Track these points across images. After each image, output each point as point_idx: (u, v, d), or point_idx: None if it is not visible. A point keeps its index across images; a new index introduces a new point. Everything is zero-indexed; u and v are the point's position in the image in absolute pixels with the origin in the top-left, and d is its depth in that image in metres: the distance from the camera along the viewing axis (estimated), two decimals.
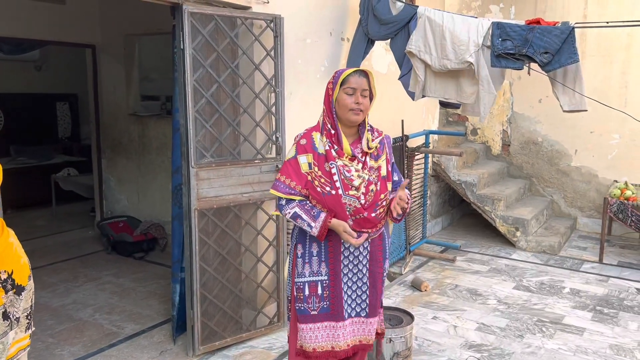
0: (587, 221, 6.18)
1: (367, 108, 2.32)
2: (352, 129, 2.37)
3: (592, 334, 3.69)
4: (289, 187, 2.33)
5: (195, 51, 3.07)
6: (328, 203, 2.28)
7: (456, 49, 3.64)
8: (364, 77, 2.30)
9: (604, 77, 5.82)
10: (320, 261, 2.40)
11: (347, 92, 2.28)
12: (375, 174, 2.36)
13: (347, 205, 2.30)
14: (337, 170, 2.29)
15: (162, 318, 3.87)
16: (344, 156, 2.32)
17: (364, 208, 2.31)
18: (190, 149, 3.08)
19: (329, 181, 2.28)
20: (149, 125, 5.57)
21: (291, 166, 2.34)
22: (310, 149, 2.33)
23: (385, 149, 2.44)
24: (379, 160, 2.40)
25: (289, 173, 2.33)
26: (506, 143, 6.59)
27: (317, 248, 2.40)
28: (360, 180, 2.31)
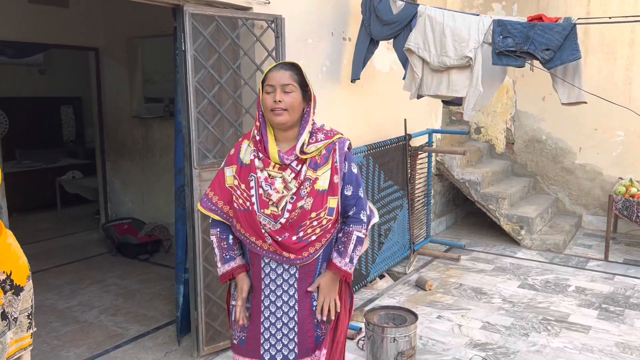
0: (592, 219, 6.15)
1: (292, 106, 1.90)
2: (290, 131, 1.96)
3: (597, 332, 3.67)
4: (212, 203, 2.04)
5: (197, 52, 3.07)
6: (242, 221, 1.96)
7: (456, 46, 3.64)
8: (286, 69, 1.92)
9: (607, 73, 5.80)
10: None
11: (266, 90, 1.92)
12: (309, 187, 1.92)
13: (262, 225, 1.93)
14: (256, 183, 1.94)
15: (166, 319, 3.88)
16: (272, 166, 1.94)
17: (284, 228, 1.92)
18: (192, 150, 3.09)
19: (249, 195, 1.94)
20: (153, 128, 5.59)
21: (217, 179, 2.05)
22: (236, 160, 2.01)
23: (333, 156, 1.97)
24: (319, 169, 1.95)
25: (214, 187, 2.05)
26: (510, 141, 6.57)
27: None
28: (280, 194, 1.91)
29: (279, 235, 1.92)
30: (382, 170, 4.55)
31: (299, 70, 1.94)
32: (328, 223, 1.96)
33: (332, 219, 1.96)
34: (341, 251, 2.01)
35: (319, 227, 1.95)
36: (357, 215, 2.02)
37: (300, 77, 1.93)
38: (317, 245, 1.97)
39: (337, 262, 2.01)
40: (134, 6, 5.28)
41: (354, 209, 2.01)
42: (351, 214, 2.02)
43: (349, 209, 2.01)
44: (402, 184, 4.92)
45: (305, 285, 2.01)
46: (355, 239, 2.01)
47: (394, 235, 4.82)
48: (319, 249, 1.98)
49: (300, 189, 1.92)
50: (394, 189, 4.78)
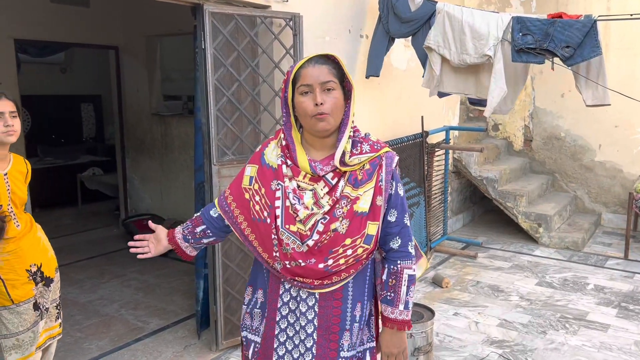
0: (612, 217, 6.08)
1: (336, 108, 1.57)
2: (327, 139, 1.63)
3: (616, 331, 3.64)
4: (226, 204, 1.72)
5: (216, 51, 3.11)
6: (259, 232, 1.63)
7: (476, 44, 3.63)
8: (322, 64, 1.57)
9: (628, 70, 5.72)
10: (262, 317, 1.74)
11: (301, 91, 1.57)
12: (347, 207, 1.58)
13: (284, 244, 1.59)
14: (282, 193, 1.60)
15: (186, 313, 3.94)
16: (302, 175, 1.61)
17: (312, 253, 1.58)
18: (212, 147, 3.14)
19: (269, 205, 1.62)
20: (172, 125, 5.66)
21: (237, 177, 1.74)
22: (258, 159, 1.70)
23: (378, 173, 1.63)
24: (361, 187, 1.60)
25: (232, 186, 1.74)
26: (528, 138, 6.52)
27: (263, 298, 1.74)
28: (309, 211, 1.58)
29: (303, 259, 1.58)
30: (399, 167, 4.56)
31: (337, 63, 1.59)
32: (364, 253, 1.61)
33: (369, 248, 1.61)
34: (392, 299, 1.66)
35: (352, 257, 1.60)
36: (404, 248, 1.67)
37: (340, 71, 1.59)
38: (343, 275, 1.61)
39: (391, 314, 1.67)
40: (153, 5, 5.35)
41: (397, 239, 1.66)
42: (396, 246, 1.67)
43: (389, 239, 1.66)
44: (419, 181, 4.92)
45: (326, 325, 1.64)
46: (407, 279, 1.66)
47: None
48: (344, 279, 1.63)
49: (335, 208, 1.58)
50: (410, 186, 4.78)
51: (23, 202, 2.35)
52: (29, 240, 2.10)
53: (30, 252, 2.06)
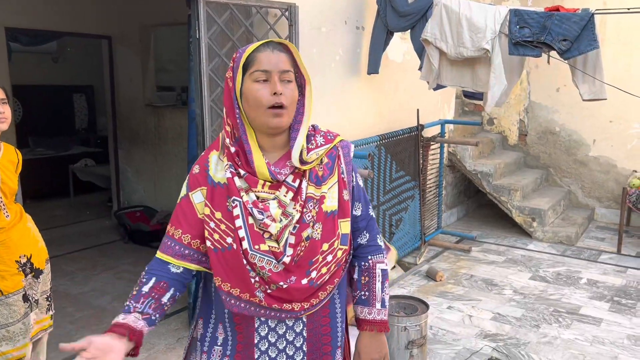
0: (605, 212, 6.10)
1: (293, 101, 1.37)
2: (278, 137, 1.41)
3: (609, 325, 3.65)
4: (180, 245, 1.40)
5: (211, 40, 3.07)
6: (221, 266, 1.37)
7: (473, 37, 3.61)
8: (281, 51, 1.37)
9: (624, 65, 5.72)
10: (224, 355, 1.46)
11: (256, 78, 1.34)
12: (315, 209, 1.40)
13: (258, 268, 1.35)
14: (242, 210, 1.36)
15: (179, 306, 3.91)
16: (260, 185, 1.38)
17: (289, 270, 1.38)
18: (206, 138, 3.10)
19: (232, 229, 1.36)
20: (165, 116, 5.61)
21: (181, 209, 1.42)
22: (204, 180, 1.41)
23: (338, 165, 1.47)
24: (324, 184, 1.42)
25: (179, 220, 1.41)
26: (523, 133, 6.52)
27: (224, 334, 1.46)
28: (281, 224, 1.37)
29: (283, 280, 1.36)
30: (395, 161, 4.54)
31: (291, 52, 1.39)
32: (343, 255, 1.46)
33: (346, 248, 1.46)
34: (367, 298, 1.52)
35: (334, 263, 1.43)
36: (373, 242, 1.54)
37: (294, 61, 1.40)
38: (329, 288, 1.44)
39: (368, 315, 1.52)
40: None
41: (365, 234, 1.53)
42: (365, 241, 1.54)
43: (357, 235, 1.53)
44: (414, 174, 4.90)
45: (316, 348, 1.47)
46: (381, 274, 1.53)
47: (405, 225, 4.82)
48: (330, 292, 1.45)
49: (304, 214, 1.38)
50: (405, 179, 4.77)
51: (13, 193, 2.31)
52: (19, 231, 2.06)
53: (20, 243, 2.03)
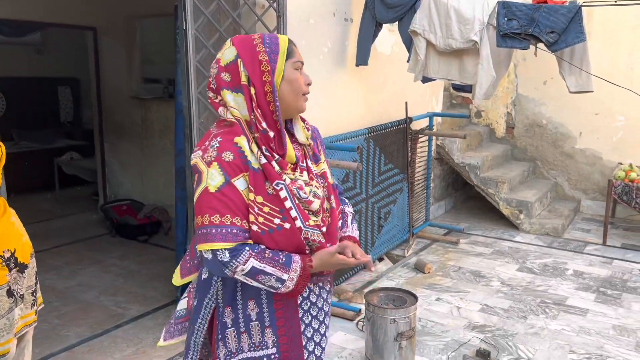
0: (591, 204, 6.16)
1: None
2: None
3: (595, 315, 3.70)
4: (236, 228, 1.42)
5: (198, 32, 3.04)
6: (279, 244, 1.46)
7: (462, 28, 3.61)
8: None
9: (610, 58, 5.76)
10: (263, 327, 1.54)
11: (297, 67, 1.51)
12: (324, 184, 1.60)
13: (310, 241, 1.50)
14: (288, 192, 1.47)
15: (166, 300, 3.89)
16: (289, 168, 1.52)
17: (327, 238, 1.55)
18: (193, 131, 3.07)
19: (278, 210, 1.45)
20: (152, 109, 5.55)
21: (227, 197, 1.42)
22: (243, 164, 1.44)
23: (317, 142, 1.68)
24: (320, 162, 1.63)
25: (229, 207, 1.42)
26: (510, 125, 6.55)
27: (257, 308, 1.54)
28: (317, 200, 1.54)
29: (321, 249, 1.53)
30: (383, 153, 4.54)
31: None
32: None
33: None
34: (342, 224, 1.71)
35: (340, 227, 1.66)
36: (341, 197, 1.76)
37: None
38: None
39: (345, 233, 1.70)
40: None
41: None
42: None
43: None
44: (403, 167, 4.91)
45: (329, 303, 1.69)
46: (350, 214, 1.76)
47: (393, 218, 4.82)
48: None
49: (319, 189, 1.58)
50: (394, 172, 4.77)
51: None
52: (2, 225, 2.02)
53: (3, 237, 1.98)
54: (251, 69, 1.46)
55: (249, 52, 1.47)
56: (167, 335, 1.73)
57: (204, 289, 1.58)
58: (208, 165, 1.42)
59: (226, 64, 1.48)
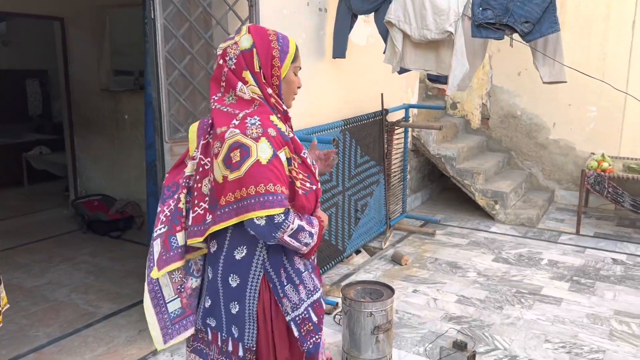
0: (565, 194, 6.24)
1: None
2: None
3: (569, 304, 3.73)
4: (284, 195, 1.61)
5: (167, 21, 2.94)
6: (310, 203, 1.72)
7: (437, 19, 3.58)
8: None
9: (582, 48, 5.82)
10: (309, 275, 1.81)
11: (297, 72, 1.77)
12: None
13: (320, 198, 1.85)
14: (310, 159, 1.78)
15: (140, 297, 3.75)
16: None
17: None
18: (163, 124, 2.98)
19: (306, 175, 1.72)
20: (122, 101, 5.42)
21: (277, 168, 1.60)
22: (283, 139, 1.65)
23: None
24: None
25: (278, 177, 1.60)
26: (485, 117, 6.58)
27: (301, 262, 1.80)
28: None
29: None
30: (359, 146, 4.51)
31: None
32: None
33: None
34: None
35: None
36: None
37: None
38: None
39: None
40: None
41: None
42: None
43: None
44: (379, 159, 4.88)
45: None
46: None
47: (370, 210, 4.80)
48: None
49: None
50: (370, 164, 4.74)
51: None
52: None
53: None
54: (264, 61, 1.67)
55: (265, 45, 1.67)
56: (167, 337, 1.79)
57: (244, 266, 1.71)
58: (256, 140, 1.58)
59: (242, 50, 1.66)
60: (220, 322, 1.77)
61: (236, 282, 1.71)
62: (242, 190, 1.56)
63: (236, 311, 1.72)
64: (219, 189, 1.63)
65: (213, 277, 1.75)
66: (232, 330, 1.74)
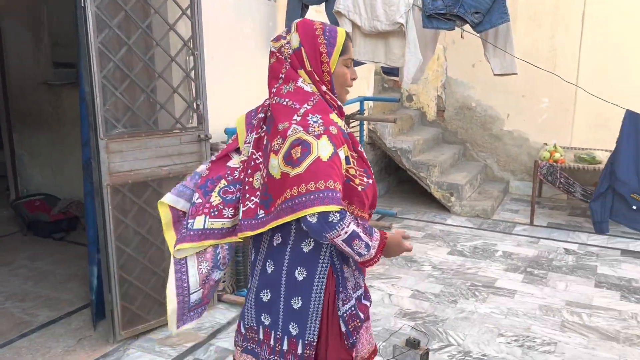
0: (519, 184, 6.30)
1: None
2: None
3: (522, 296, 3.74)
4: (341, 194, 1.60)
5: (100, 10, 2.75)
6: (368, 198, 1.72)
7: (387, 10, 3.49)
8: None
9: (533, 40, 5.86)
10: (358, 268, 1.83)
11: (347, 64, 1.75)
12: None
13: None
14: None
15: (82, 302, 3.61)
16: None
17: None
18: (98, 119, 2.80)
19: (362, 170, 1.73)
20: (63, 95, 5.13)
21: (337, 166, 1.61)
22: (343, 137, 1.67)
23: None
24: None
25: (338, 174, 1.60)
26: (441, 109, 6.58)
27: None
28: None
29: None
30: None
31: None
32: None
33: None
34: None
35: None
36: None
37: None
38: None
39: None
40: None
41: None
42: None
43: None
44: None
45: None
46: None
47: None
48: None
49: None
50: None
51: None
52: None
53: None
54: (313, 59, 1.67)
55: (311, 41, 1.67)
56: (180, 323, 1.82)
57: (312, 258, 1.70)
58: (317, 137, 1.58)
59: (294, 50, 1.68)
60: (276, 320, 1.74)
61: (303, 275, 1.70)
62: (300, 187, 1.56)
63: (298, 307, 1.71)
64: (274, 184, 1.63)
65: (276, 270, 1.73)
66: (289, 328, 1.72)
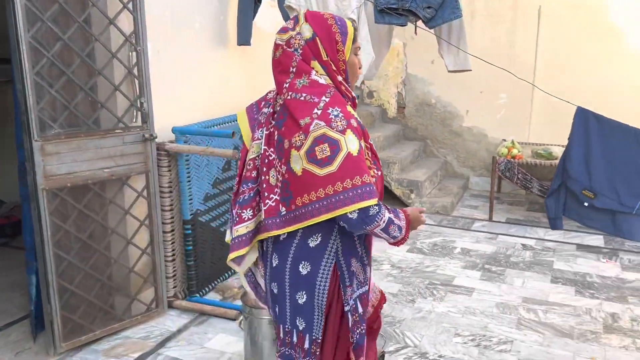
0: (478, 180, 6.33)
1: None
2: None
3: (480, 294, 3.72)
4: (375, 186, 1.62)
5: (30, 2, 2.57)
6: (378, 189, 1.71)
7: (339, 5, 3.41)
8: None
9: (492, 36, 5.87)
10: (363, 265, 1.80)
11: (357, 52, 1.76)
12: None
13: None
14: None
15: (23, 313, 3.41)
16: None
17: None
18: (31, 119, 2.62)
19: (374, 160, 1.73)
20: (3, 93, 4.87)
21: (364, 158, 1.65)
22: (361, 129, 1.67)
23: None
24: None
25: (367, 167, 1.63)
26: (401, 105, 6.55)
27: (360, 247, 1.79)
28: None
29: None
30: None
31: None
32: None
33: None
34: None
35: None
36: None
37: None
38: None
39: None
40: None
41: None
42: None
43: None
44: None
45: None
46: None
47: None
48: None
49: None
50: None
51: None
52: None
53: None
54: (329, 48, 1.65)
55: (325, 31, 1.65)
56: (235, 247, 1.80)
57: (317, 253, 1.69)
58: (342, 133, 1.56)
59: (307, 40, 1.65)
60: (283, 313, 1.74)
61: (307, 269, 1.70)
62: (336, 185, 1.54)
63: (303, 301, 1.70)
64: (296, 181, 1.60)
65: (280, 264, 1.72)
66: (297, 322, 1.73)
